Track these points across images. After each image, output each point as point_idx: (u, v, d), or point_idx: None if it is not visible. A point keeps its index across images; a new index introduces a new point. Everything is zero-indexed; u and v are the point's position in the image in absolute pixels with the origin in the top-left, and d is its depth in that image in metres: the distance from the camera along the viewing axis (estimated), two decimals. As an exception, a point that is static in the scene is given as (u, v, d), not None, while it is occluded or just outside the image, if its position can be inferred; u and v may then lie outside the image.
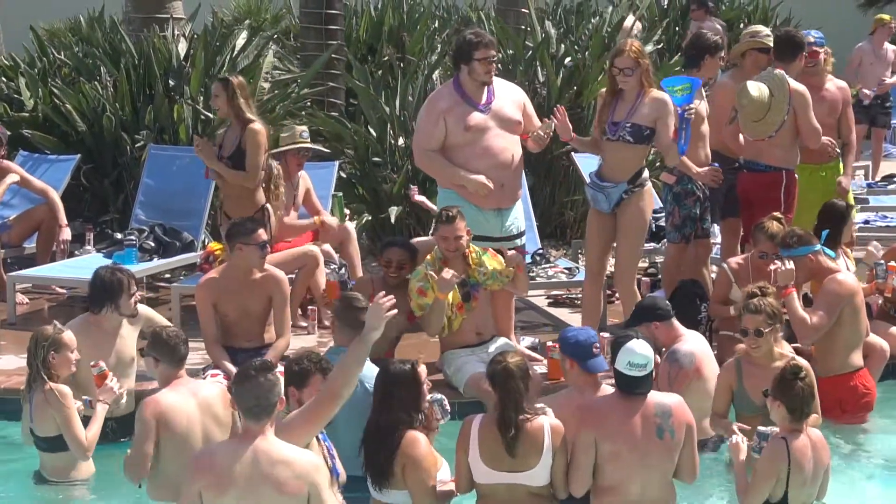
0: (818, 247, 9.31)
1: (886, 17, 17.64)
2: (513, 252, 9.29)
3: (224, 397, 7.33)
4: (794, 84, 10.14)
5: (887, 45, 17.40)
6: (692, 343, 8.42)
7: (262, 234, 9.14)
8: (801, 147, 10.43)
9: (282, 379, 6.44)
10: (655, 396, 6.91)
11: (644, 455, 6.80)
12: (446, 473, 6.88)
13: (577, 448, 6.80)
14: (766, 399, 7.04)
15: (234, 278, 9.12)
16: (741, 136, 10.32)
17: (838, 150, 10.76)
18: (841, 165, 10.94)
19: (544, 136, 9.59)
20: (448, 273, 8.84)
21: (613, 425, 6.81)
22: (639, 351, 6.86)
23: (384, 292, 6.70)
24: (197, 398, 7.33)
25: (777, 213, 9.69)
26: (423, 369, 7.03)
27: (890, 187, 14.96)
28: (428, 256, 9.20)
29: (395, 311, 6.59)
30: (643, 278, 11.17)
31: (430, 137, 9.51)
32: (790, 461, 6.89)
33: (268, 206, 10.18)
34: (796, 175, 10.26)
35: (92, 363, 7.98)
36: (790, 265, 9.16)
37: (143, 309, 8.75)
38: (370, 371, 7.29)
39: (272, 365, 6.38)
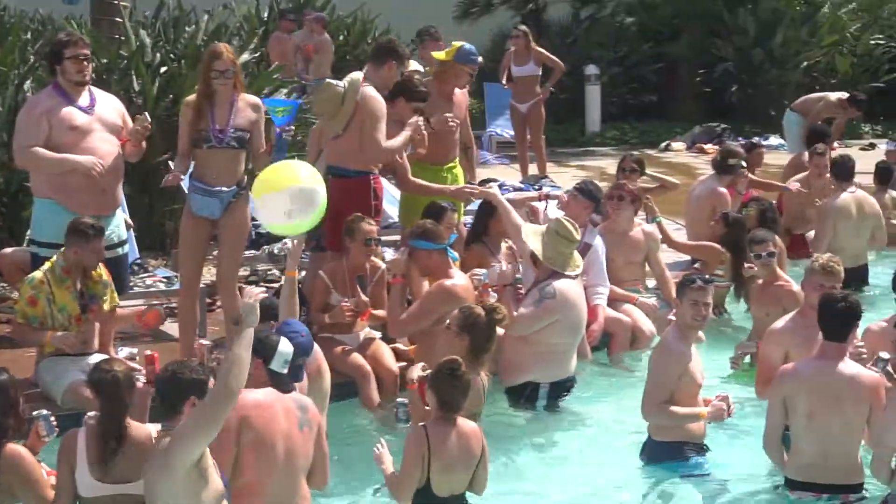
0: (437, 246, 9.38)
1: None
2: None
3: None
4: (370, 94, 10.04)
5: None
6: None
7: None
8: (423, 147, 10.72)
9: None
10: (295, 394, 6.89)
11: (286, 452, 6.71)
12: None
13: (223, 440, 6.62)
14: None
15: None
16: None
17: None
18: (459, 167, 11.32)
19: (142, 129, 9.55)
20: None
21: (264, 421, 6.70)
22: (288, 349, 6.84)
23: None
24: None
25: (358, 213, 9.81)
26: None
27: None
28: (48, 264, 8.98)
29: None
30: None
31: (32, 137, 9.36)
32: (429, 446, 7.01)
33: None
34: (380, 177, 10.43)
35: None
36: (404, 256, 9.34)
37: None
38: None
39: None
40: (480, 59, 11.78)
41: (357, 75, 10.18)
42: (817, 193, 13.66)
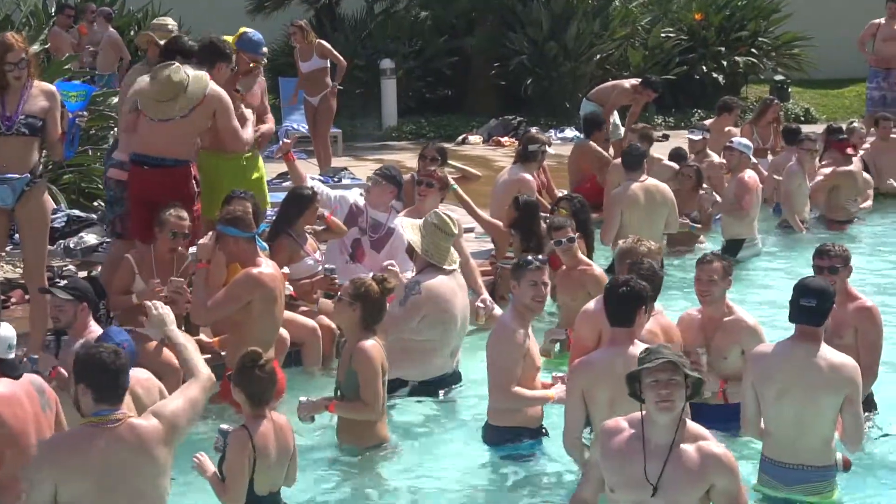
0: (245, 234, 9.20)
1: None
2: None
3: None
4: (217, 89, 10.10)
5: None
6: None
7: None
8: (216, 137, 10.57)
9: None
10: (31, 377, 6.86)
11: (38, 438, 6.61)
12: None
13: None
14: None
15: None
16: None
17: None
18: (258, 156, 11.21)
19: None
20: None
21: (13, 413, 6.64)
22: (9, 333, 6.82)
23: None
24: None
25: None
26: None
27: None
28: None
29: None
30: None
31: None
32: (255, 448, 6.90)
33: None
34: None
35: None
36: (212, 241, 9.25)
37: None
38: None
39: None
40: (265, 50, 11.57)
41: (199, 70, 10.11)
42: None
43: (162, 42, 10.80)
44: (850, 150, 16.06)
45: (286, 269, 10.11)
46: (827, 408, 7.59)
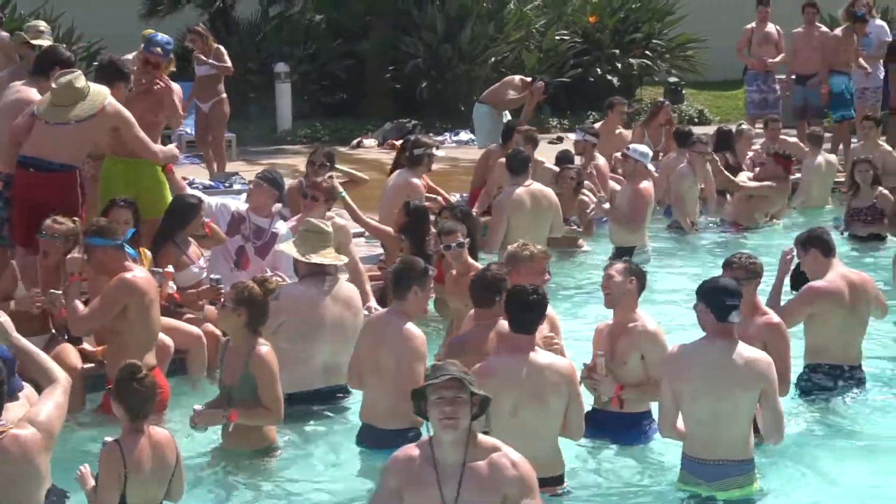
0: (113, 242, 9.14)
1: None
2: None
3: None
4: (116, 104, 10.17)
5: None
6: None
7: None
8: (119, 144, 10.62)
9: None
10: None
11: None
12: None
13: None
14: None
15: None
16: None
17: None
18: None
19: None
20: None
21: None
22: None
23: None
24: None
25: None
26: None
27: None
28: None
29: None
30: None
31: None
32: (126, 463, 6.77)
33: None
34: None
35: None
36: (82, 254, 9.18)
37: None
38: None
39: None
40: (158, 50, 11.49)
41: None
42: None
43: (33, 42, 10.73)
44: (792, 171, 16.24)
45: (170, 268, 10.02)
46: (743, 403, 7.73)
